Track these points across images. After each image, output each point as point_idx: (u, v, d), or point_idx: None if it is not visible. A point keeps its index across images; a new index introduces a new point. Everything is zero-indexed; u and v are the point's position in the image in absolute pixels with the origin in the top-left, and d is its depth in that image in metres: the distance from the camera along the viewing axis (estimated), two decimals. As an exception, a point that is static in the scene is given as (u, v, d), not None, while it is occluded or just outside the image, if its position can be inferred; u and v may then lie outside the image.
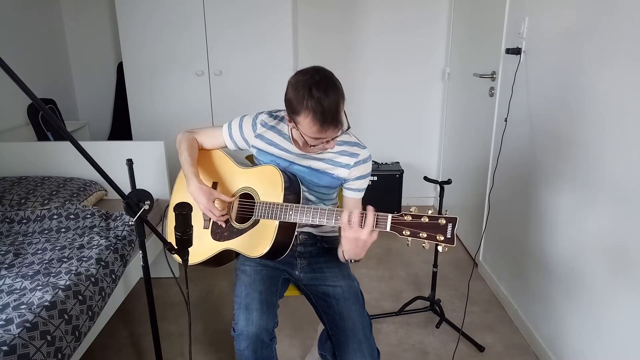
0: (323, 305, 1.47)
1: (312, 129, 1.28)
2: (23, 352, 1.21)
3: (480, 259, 2.68)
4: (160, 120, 3.16)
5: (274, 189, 1.42)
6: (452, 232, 1.13)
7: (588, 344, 1.64)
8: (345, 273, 1.53)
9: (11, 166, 2.42)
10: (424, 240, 1.17)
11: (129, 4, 2.95)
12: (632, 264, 1.41)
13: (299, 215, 1.35)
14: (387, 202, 3.33)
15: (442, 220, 1.14)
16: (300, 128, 1.31)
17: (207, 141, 1.64)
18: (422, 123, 3.60)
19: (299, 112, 1.28)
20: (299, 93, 1.26)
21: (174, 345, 2.05)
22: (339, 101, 1.28)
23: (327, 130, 1.28)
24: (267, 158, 1.52)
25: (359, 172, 1.50)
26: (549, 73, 1.89)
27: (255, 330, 1.32)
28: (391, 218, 1.21)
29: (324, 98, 1.24)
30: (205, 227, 1.55)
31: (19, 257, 1.68)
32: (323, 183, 1.51)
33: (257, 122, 1.54)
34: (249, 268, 1.51)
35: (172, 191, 1.69)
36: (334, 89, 1.27)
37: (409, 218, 1.18)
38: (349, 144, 1.51)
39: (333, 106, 1.26)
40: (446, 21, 3.35)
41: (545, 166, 1.92)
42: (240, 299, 1.40)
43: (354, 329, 1.38)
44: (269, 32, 2.97)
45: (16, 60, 2.88)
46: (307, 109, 1.25)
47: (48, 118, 1.51)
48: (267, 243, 1.38)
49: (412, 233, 1.17)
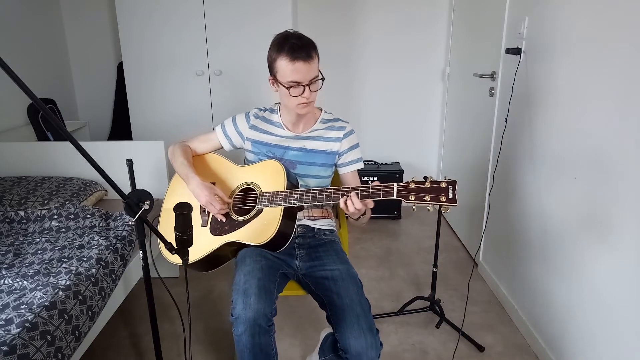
0: (321, 289, 1.49)
1: (287, 66, 1.41)
2: (23, 352, 1.21)
3: (480, 259, 2.68)
4: (160, 120, 3.16)
5: (276, 179, 1.48)
6: (453, 193, 1.23)
7: (588, 344, 1.64)
8: (343, 259, 1.56)
9: (11, 166, 2.42)
10: (428, 203, 1.25)
11: (129, 4, 2.95)
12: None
13: (304, 199, 1.41)
14: (387, 202, 3.33)
15: (443, 183, 1.25)
16: (279, 77, 1.45)
17: (201, 146, 1.72)
18: (422, 123, 3.60)
19: (276, 58, 1.43)
20: (275, 42, 1.45)
21: (174, 345, 2.05)
22: (310, 43, 1.43)
23: (299, 63, 1.40)
24: (263, 148, 1.61)
25: (349, 142, 1.64)
26: (549, 73, 1.89)
27: (253, 314, 1.31)
28: (397, 186, 1.29)
29: (296, 39, 1.42)
30: (203, 225, 1.57)
31: (19, 257, 1.68)
32: (319, 162, 1.62)
33: (250, 115, 1.67)
34: (249, 259, 1.51)
35: (166, 195, 1.72)
36: (307, 38, 1.45)
37: (412, 185, 1.28)
38: (333, 120, 1.67)
39: (302, 44, 1.41)
40: (446, 21, 3.35)
41: (545, 166, 1.92)
42: (238, 285, 1.40)
43: (351, 305, 1.39)
44: (269, 32, 2.93)
45: (16, 60, 2.88)
46: (282, 50, 1.41)
47: (48, 118, 1.51)
48: (273, 228, 1.42)
49: (417, 197, 1.26)
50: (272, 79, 1.50)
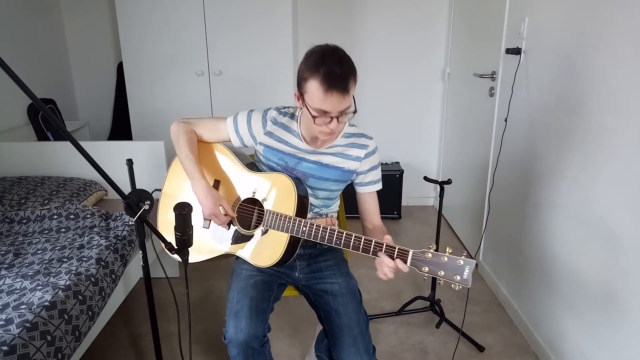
0: (320, 302, 1.47)
1: (320, 95, 1.23)
2: (23, 352, 1.21)
3: (480, 259, 2.67)
4: (160, 120, 3.15)
5: (286, 200, 1.39)
6: (469, 275, 1.15)
7: (588, 344, 1.64)
8: (343, 271, 1.53)
9: (11, 166, 2.42)
10: (440, 278, 1.18)
11: (129, 4, 2.95)
12: (634, 266, 1.41)
13: (312, 234, 1.32)
14: (387, 202, 3.33)
15: (460, 261, 1.16)
16: (308, 100, 1.27)
17: (208, 135, 1.56)
18: (422, 123, 3.60)
19: (308, 78, 1.24)
20: (311, 58, 1.25)
21: (174, 345, 2.05)
22: (350, 72, 1.25)
23: (333, 95, 1.23)
24: (276, 156, 1.47)
25: (370, 163, 1.50)
26: (549, 73, 1.89)
27: (244, 337, 1.32)
28: (412, 253, 1.21)
29: (336, 64, 1.22)
30: (205, 227, 1.52)
31: (19, 257, 1.68)
32: (332, 177, 1.48)
33: (267, 119, 1.48)
34: (245, 272, 1.49)
35: (166, 178, 1.62)
36: (348, 61, 1.26)
37: (429, 255, 1.19)
38: (356, 135, 1.49)
39: (342, 72, 1.23)
40: (446, 21, 3.35)
41: (545, 166, 1.92)
42: (231, 304, 1.40)
43: (349, 325, 1.38)
44: (269, 32, 2.97)
45: (16, 60, 2.88)
46: (317, 73, 1.22)
47: (48, 118, 1.51)
48: (276, 255, 1.38)
49: (431, 271, 1.18)
50: (299, 96, 1.32)
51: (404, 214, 3.54)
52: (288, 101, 3.08)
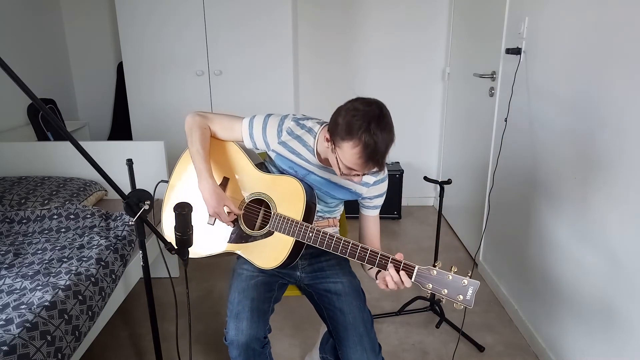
0: (324, 302, 1.47)
1: (355, 160, 1.22)
2: (23, 352, 1.21)
3: (480, 259, 2.67)
4: (160, 120, 3.16)
5: (295, 204, 1.38)
6: (472, 295, 1.16)
7: (588, 343, 1.64)
8: (346, 270, 1.53)
9: (11, 166, 2.42)
10: (443, 296, 1.19)
11: (129, 4, 2.95)
12: (634, 267, 1.41)
13: (319, 241, 1.32)
14: (387, 202, 3.32)
15: (465, 281, 1.17)
16: (340, 154, 1.25)
17: (222, 133, 1.53)
18: (422, 123, 3.60)
19: (348, 140, 1.21)
20: (355, 120, 1.20)
21: (174, 345, 2.05)
22: (390, 144, 1.24)
23: (369, 167, 1.23)
24: (286, 164, 1.46)
25: (378, 190, 1.49)
26: (549, 73, 1.89)
27: (245, 339, 1.32)
28: (418, 269, 1.23)
29: (379, 135, 1.19)
30: (210, 223, 1.50)
31: (19, 257, 1.68)
32: (338, 195, 1.49)
33: (283, 129, 1.44)
34: (246, 272, 1.49)
35: (173, 172, 1.60)
36: (390, 130, 1.24)
37: (434, 272, 1.20)
38: None
39: (384, 146, 1.21)
40: (446, 21, 3.35)
41: (545, 166, 1.92)
42: (232, 305, 1.40)
43: (354, 323, 1.38)
44: (269, 31, 2.97)
45: (16, 60, 2.89)
46: (359, 140, 1.19)
47: (48, 118, 1.51)
48: (279, 258, 1.37)
49: (434, 289, 1.20)
50: (330, 142, 1.28)
51: (404, 214, 3.54)
52: (288, 101, 3.08)
